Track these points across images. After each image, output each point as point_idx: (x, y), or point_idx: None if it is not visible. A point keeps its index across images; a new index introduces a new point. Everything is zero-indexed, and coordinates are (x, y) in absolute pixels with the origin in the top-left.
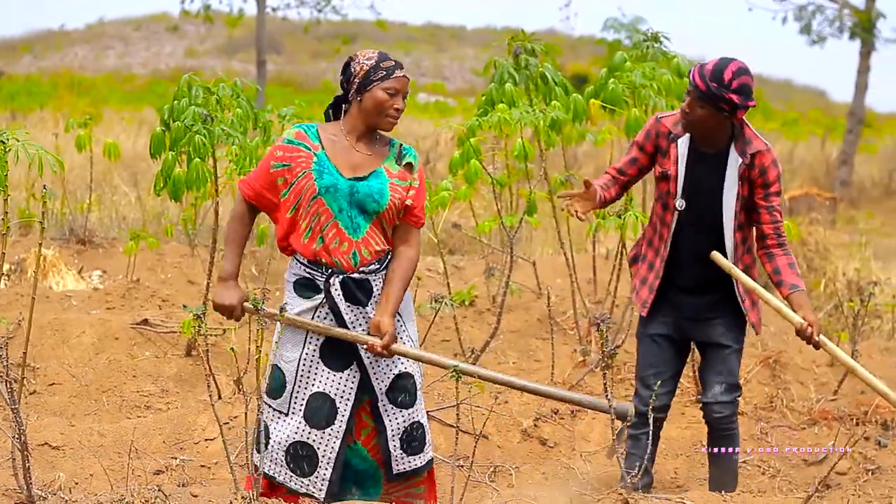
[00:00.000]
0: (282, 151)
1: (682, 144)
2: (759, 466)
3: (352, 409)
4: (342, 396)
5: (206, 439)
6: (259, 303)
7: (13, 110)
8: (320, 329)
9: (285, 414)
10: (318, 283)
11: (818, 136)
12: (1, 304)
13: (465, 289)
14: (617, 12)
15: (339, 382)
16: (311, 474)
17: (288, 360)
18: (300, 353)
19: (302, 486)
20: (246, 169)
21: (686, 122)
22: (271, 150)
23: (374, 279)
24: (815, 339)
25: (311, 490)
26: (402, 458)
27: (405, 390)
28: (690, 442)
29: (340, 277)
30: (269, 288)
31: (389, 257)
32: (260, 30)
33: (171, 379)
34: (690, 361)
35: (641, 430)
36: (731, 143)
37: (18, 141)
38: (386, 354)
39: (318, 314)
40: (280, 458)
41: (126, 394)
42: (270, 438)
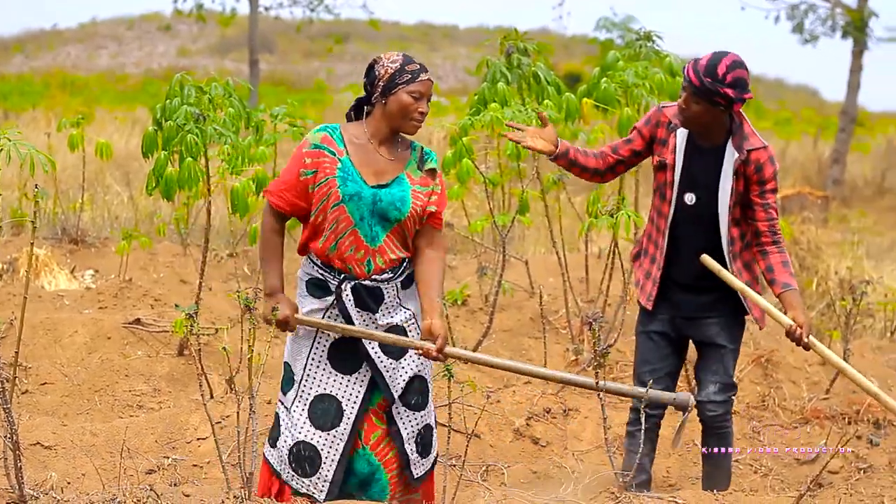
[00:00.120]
0: (310, 158)
1: (681, 136)
2: (752, 465)
3: (359, 413)
4: (349, 399)
5: (198, 439)
6: (251, 302)
7: (5, 110)
8: (375, 336)
9: (289, 411)
10: (329, 285)
11: (810, 135)
12: None
13: (457, 288)
14: (609, 12)
15: (346, 385)
16: (313, 475)
17: (297, 358)
18: (308, 352)
19: (303, 487)
20: (238, 168)
21: (683, 118)
22: (298, 156)
23: (387, 287)
24: (805, 341)
25: (312, 491)
26: (419, 462)
27: (418, 393)
28: (684, 441)
29: (352, 283)
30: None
31: (405, 266)
32: (252, 29)
33: (164, 378)
34: (686, 361)
35: (636, 426)
36: (728, 138)
37: (10, 140)
38: (441, 358)
39: (329, 315)
40: (285, 457)
41: (118, 393)
42: (280, 435)
